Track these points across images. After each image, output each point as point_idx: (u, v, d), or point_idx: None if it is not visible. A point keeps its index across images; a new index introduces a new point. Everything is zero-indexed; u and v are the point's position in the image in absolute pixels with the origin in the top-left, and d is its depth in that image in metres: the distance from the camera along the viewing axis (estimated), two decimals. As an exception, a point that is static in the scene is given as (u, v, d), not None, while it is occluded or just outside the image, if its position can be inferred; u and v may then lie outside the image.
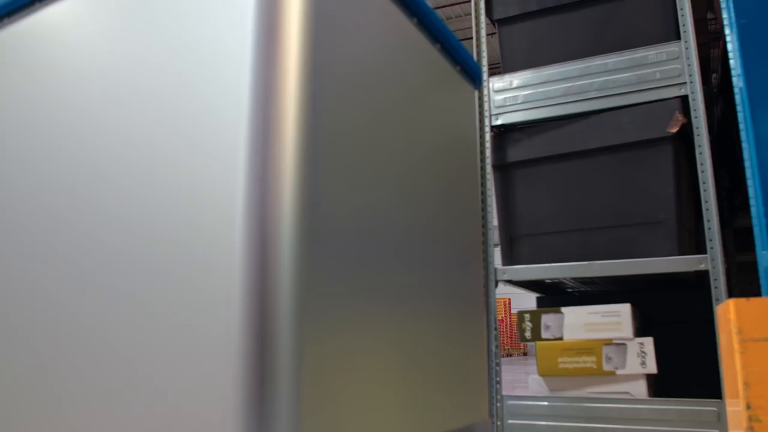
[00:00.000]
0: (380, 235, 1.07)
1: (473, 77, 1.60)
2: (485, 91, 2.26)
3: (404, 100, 1.23)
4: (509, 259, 2.20)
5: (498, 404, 2.03)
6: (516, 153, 2.21)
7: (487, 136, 2.22)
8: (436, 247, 1.27)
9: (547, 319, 2.01)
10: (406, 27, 1.27)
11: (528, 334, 2.02)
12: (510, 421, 2.02)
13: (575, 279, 2.40)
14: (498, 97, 2.24)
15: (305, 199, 0.88)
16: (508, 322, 21.98)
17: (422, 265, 1.20)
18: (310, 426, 0.87)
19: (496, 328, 2.08)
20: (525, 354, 23.87)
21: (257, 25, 0.93)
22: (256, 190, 0.86)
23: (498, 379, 2.05)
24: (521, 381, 7.05)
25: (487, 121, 2.23)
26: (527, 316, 2.04)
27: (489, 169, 2.20)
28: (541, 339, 2.00)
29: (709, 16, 3.15)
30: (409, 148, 1.21)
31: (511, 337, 22.14)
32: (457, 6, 19.70)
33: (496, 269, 2.12)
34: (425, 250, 1.22)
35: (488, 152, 2.21)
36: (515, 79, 2.24)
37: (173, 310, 0.95)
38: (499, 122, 2.22)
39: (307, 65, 0.95)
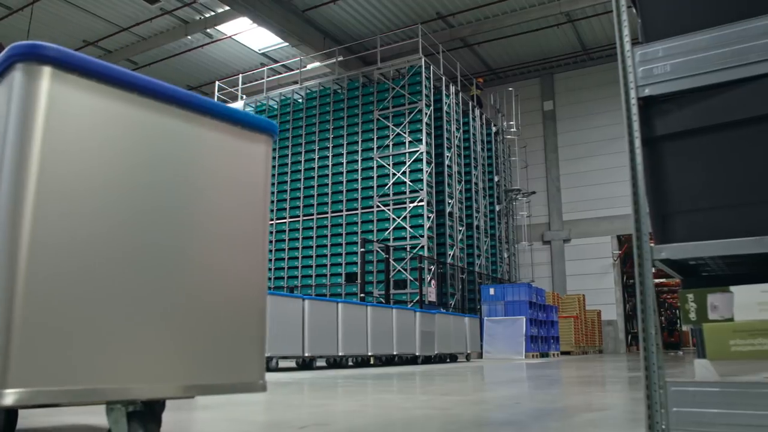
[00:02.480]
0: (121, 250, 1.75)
1: (259, 127, 2.17)
2: (628, 63, 2.14)
3: (166, 166, 1.87)
4: (662, 237, 2.08)
5: (661, 390, 1.92)
6: (666, 125, 2.09)
7: (634, 110, 2.10)
8: (194, 257, 1.92)
9: (713, 298, 1.88)
10: (166, 111, 1.87)
11: (693, 316, 1.89)
12: (675, 409, 1.90)
13: (724, 259, 2.25)
14: (643, 68, 2.12)
15: (39, 241, 1.55)
16: (583, 319, 21.44)
17: (189, 270, 1.89)
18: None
19: (655, 311, 1.96)
20: (600, 352, 23.25)
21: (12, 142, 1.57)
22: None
23: (660, 364, 1.93)
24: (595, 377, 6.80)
25: (633, 93, 2.11)
26: (690, 296, 1.91)
27: (637, 143, 2.08)
28: (708, 320, 1.87)
29: None
30: (173, 201, 1.87)
31: (586, 335, 21.59)
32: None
33: (652, 248, 2.01)
34: (187, 260, 1.90)
35: (636, 126, 2.09)
36: (661, 47, 2.12)
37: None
38: (646, 93, 2.10)
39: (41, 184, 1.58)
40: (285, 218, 18.55)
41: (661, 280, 37.23)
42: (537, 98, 25.51)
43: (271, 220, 18.82)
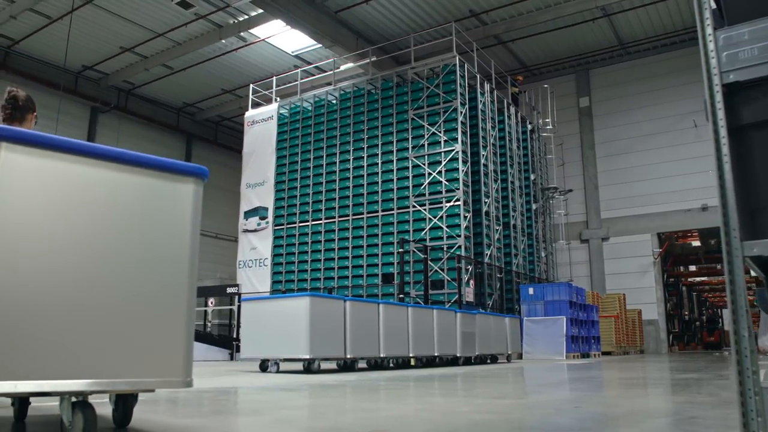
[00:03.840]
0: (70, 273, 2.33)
1: (187, 171, 2.65)
2: (710, 47, 2.01)
3: (102, 208, 2.43)
4: (751, 233, 1.94)
5: (756, 397, 1.79)
6: (753, 113, 1.95)
7: (718, 97, 1.97)
8: (120, 275, 2.45)
9: (815, 298, 1.74)
10: (101, 166, 2.44)
11: (792, 317, 1.76)
12: (773, 417, 1.76)
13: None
14: (727, 53, 1.99)
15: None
16: (624, 319, 21.01)
17: (117, 282, 2.43)
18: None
19: (747, 311, 1.83)
20: (642, 352, 22.78)
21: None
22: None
23: (755, 369, 1.80)
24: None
25: (716, 80, 1.98)
26: (788, 296, 1.77)
27: (723, 133, 1.95)
28: (809, 322, 1.73)
29: None
30: (108, 234, 2.43)
31: (626, 335, 21.14)
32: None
33: (743, 245, 1.87)
34: (116, 276, 2.44)
35: (720, 114, 1.96)
36: (747, 30, 1.98)
37: None
38: (731, 79, 1.97)
39: None
40: (321, 219, 18.56)
41: (702, 279, 36.37)
42: (573, 95, 25.12)
43: (306, 221, 18.85)
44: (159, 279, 2.52)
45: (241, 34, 20.77)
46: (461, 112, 16.68)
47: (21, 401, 3.00)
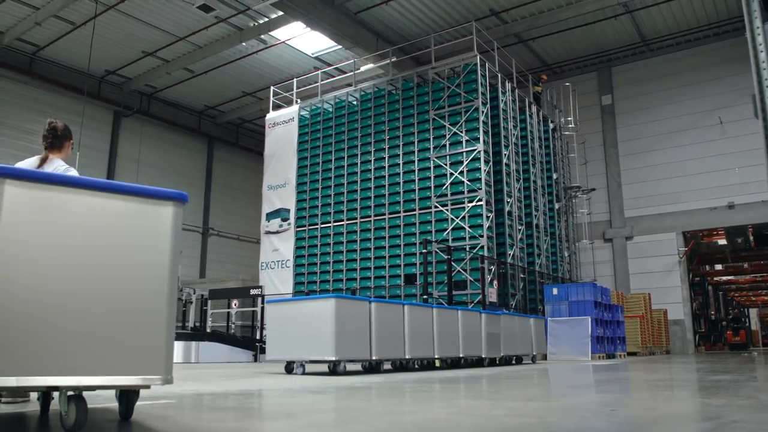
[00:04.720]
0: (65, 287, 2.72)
1: (166, 196, 3.00)
2: (759, 40, 1.95)
3: (94, 237, 2.82)
4: (804, 232, 1.87)
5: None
6: (806, 108, 1.89)
7: (767, 92, 1.91)
8: (103, 288, 2.81)
9: None
10: (88, 194, 2.83)
11: None
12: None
13: None
14: (777, 46, 1.93)
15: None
16: (649, 319, 20.75)
17: (92, 291, 2.79)
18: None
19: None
20: (668, 352, 22.49)
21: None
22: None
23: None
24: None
25: (765, 75, 1.91)
26: None
27: (773, 128, 1.89)
28: None
29: None
30: (94, 252, 2.81)
31: (652, 335, 20.88)
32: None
33: (797, 244, 1.81)
34: (100, 287, 2.81)
35: (771, 110, 1.90)
36: (797, 22, 1.91)
37: None
38: (782, 74, 1.90)
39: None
40: (342, 220, 18.56)
41: (729, 278, 35.85)
42: (594, 93, 24.89)
43: (328, 222, 18.86)
44: (142, 289, 2.88)
45: (262, 36, 20.88)
46: (483, 112, 16.59)
47: (44, 396, 3.41)
